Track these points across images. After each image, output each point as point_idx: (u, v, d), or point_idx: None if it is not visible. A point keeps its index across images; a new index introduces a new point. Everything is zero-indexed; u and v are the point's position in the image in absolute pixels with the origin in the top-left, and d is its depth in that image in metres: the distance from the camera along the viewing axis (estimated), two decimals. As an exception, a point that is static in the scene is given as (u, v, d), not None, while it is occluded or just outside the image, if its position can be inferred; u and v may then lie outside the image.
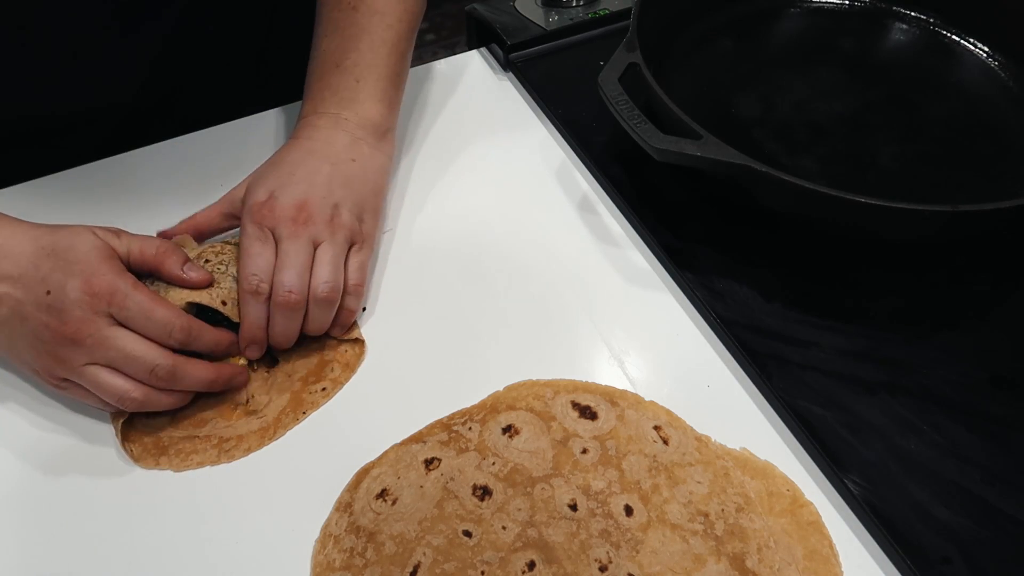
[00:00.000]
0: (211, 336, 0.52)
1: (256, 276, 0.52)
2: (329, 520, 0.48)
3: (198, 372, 0.51)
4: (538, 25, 0.77)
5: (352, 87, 0.62)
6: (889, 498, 0.47)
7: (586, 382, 0.54)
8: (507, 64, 0.77)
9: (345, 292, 0.55)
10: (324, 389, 0.54)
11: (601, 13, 0.78)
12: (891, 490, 0.48)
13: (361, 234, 0.57)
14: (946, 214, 0.52)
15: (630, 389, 0.54)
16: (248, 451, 0.52)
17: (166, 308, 0.50)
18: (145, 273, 0.53)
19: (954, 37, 0.74)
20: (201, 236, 0.58)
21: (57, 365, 0.49)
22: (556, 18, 0.78)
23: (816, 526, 0.47)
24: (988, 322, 0.57)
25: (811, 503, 0.48)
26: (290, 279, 0.52)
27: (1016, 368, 0.54)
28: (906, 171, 0.64)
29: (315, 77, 0.63)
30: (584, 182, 0.68)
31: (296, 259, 0.53)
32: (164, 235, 0.57)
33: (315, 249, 0.54)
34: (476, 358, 0.56)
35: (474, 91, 0.76)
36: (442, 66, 0.78)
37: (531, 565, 0.45)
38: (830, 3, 0.78)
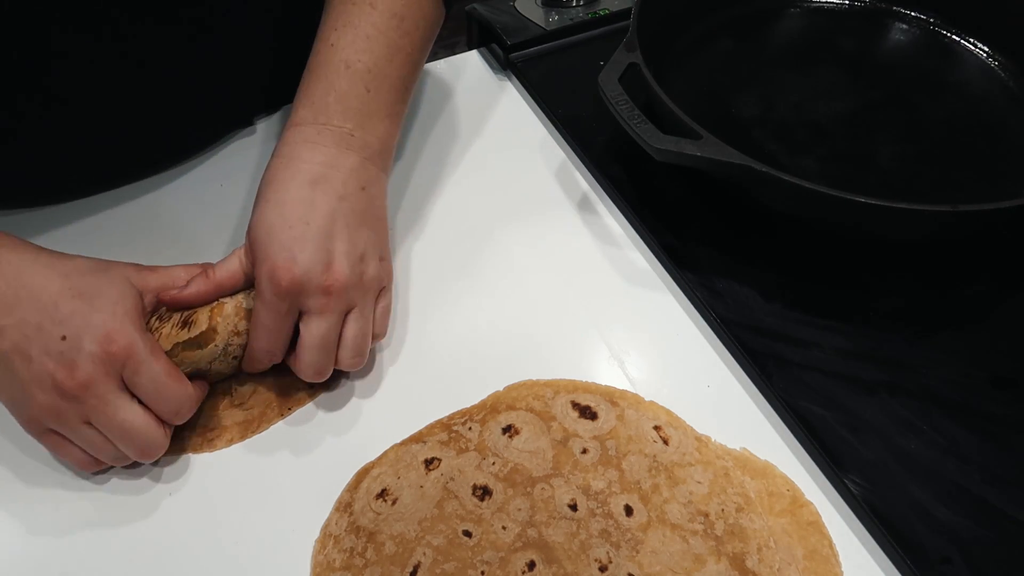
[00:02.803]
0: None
1: (267, 353, 0.50)
2: (329, 520, 0.48)
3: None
4: (538, 25, 0.77)
5: (362, 96, 0.55)
6: (889, 498, 0.47)
7: (586, 382, 0.54)
8: (507, 64, 0.77)
9: (373, 338, 0.53)
10: (311, 387, 0.54)
11: (601, 13, 0.78)
12: (891, 490, 0.48)
13: (384, 278, 0.53)
14: (946, 214, 0.52)
15: (630, 389, 0.54)
16: (230, 442, 0.52)
17: (179, 384, 0.47)
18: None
19: (954, 37, 0.74)
20: (221, 294, 0.52)
21: (49, 416, 0.46)
22: (556, 18, 0.78)
23: (816, 526, 0.47)
24: (988, 322, 0.57)
25: (811, 503, 0.48)
26: (318, 360, 0.50)
27: (1016, 368, 0.54)
28: (906, 171, 0.64)
29: (317, 76, 0.55)
30: (584, 182, 0.68)
31: (327, 338, 0.49)
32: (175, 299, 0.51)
33: (345, 315, 0.51)
34: (476, 358, 0.56)
35: (474, 91, 0.76)
36: (442, 66, 0.78)
37: (531, 565, 0.45)
38: (830, 3, 0.78)
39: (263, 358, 0.50)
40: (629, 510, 0.47)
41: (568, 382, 0.54)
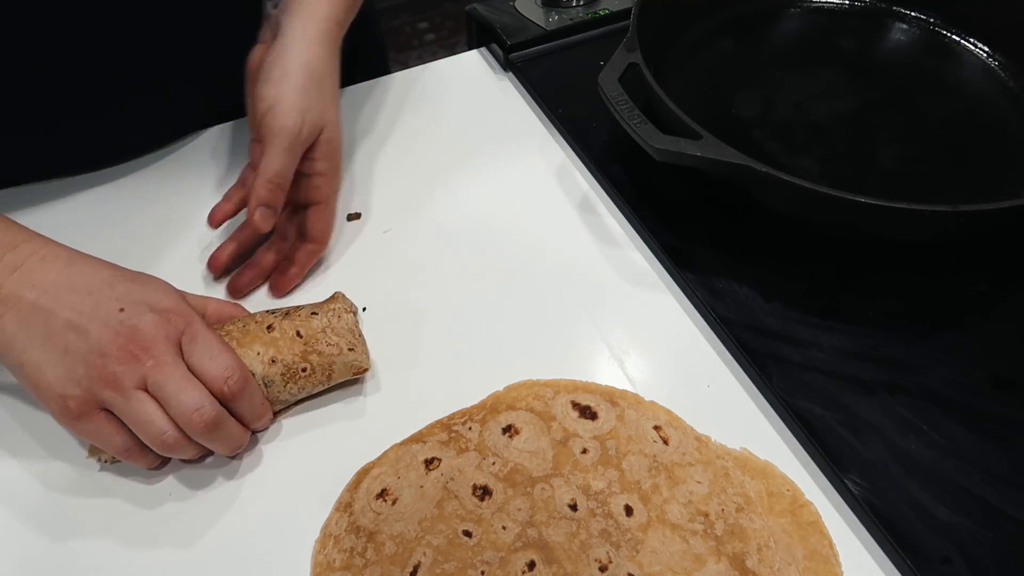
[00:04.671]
0: (260, 398, 0.51)
1: (270, 187, 0.56)
2: (329, 520, 0.48)
3: (235, 430, 0.49)
4: (538, 25, 0.77)
5: None
6: (889, 498, 0.47)
7: (586, 382, 0.54)
8: (507, 64, 0.77)
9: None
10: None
11: (601, 13, 0.78)
12: (891, 490, 0.48)
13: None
14: (946, 214, 0.52)
15: (630, 389, 0.54)
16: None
17: (232, 354, 0.49)
18: None
19: (954, 37, 0.74)
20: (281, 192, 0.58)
21: (103, 385, 0.45)
22: (556, 18, 0.78)
23: (816, 526, 0.47)
24: (988, 322, 0.57)
25: (811, 503, 0.48)
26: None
27: (1016, 368, 0.54)
28: (906, 171, 0.64)
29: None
30: (584, 182, 0.68)
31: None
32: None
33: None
34: (475, 358, 0.56)
35: (474, 91, 0.76)
36: (442, 66, 0.78)
37: (531, 565, 0.45)
38: (830, 3, 0.78)
39: (265, 193, 0.56)
40: (629, 510, 0.47)
41: (568, 382, 0.54)
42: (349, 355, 0.52)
